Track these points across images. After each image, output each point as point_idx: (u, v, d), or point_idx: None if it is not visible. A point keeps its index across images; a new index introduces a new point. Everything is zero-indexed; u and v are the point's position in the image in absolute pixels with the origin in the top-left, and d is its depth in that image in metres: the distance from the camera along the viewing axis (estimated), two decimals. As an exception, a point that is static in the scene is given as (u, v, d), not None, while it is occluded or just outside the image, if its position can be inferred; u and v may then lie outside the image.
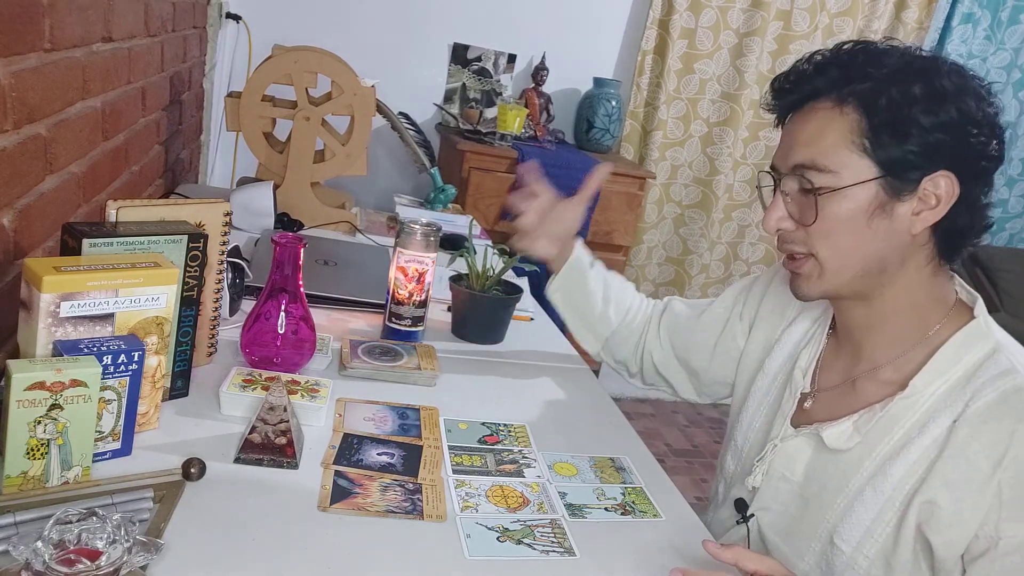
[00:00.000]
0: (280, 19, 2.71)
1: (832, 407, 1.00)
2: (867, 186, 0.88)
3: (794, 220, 0.93)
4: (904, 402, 0.91)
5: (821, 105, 0.90)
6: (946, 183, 0.87)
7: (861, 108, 0.87)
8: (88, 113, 1.19)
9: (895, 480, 0.89)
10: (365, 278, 1.53)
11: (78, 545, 0.64)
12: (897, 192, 0.87)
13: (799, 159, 0.91)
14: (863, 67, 0.88)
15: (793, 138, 0.92)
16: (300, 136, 1.83)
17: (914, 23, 3.10)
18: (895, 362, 0.95)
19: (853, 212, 0.88)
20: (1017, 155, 3.42)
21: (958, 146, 0.86)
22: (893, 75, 0.87)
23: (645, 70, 3.03)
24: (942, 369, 0.90)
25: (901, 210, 0.88)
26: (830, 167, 0.88)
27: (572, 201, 1.26)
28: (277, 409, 0.94)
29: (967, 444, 0.85)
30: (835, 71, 0.90)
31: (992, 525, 0.83)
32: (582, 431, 1.16)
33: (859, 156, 0.87)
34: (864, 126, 0.87)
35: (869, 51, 0.90)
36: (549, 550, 0.86)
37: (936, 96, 0.85)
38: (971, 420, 0.85)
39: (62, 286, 0.82)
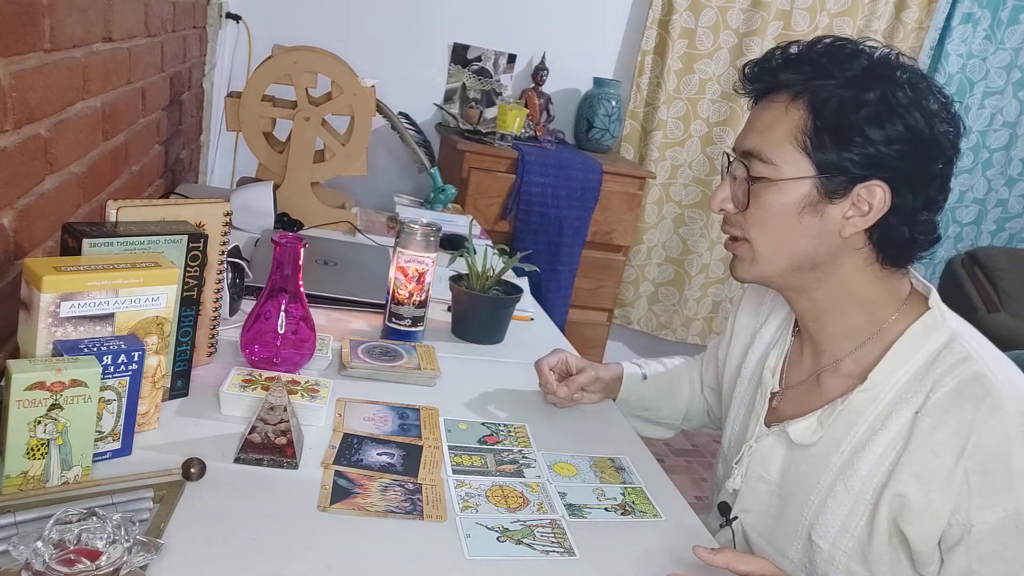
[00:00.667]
0: (280, 19, 2.71)
1: (799, 403, 1.02)
2: (801, 183, 0.90)
3: (734, 204, 0.96)
4: (864, 395, 0.93)
5: (778, 97, 0.92)
6: (880, 192, 0.88)
7: (810, 108, 0.89)
8: (88, 113, 1.19)
9: (863, 474, 0.91)
10: (365, 278, 1.53)
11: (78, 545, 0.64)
12: (829, 194, 0.90)
13: (749, 146, 0.94)
14: (827, 66, 0.90)
15: (750, 125, 0.95)
16: (300, 136, 1.83)
17: (914, 23, 3.09)
18: (853, 355, 0.97)
19: (785, 205, 0.91)
20: (1017, 155, 3.42)
21: (898, 159, 0.87)
22: (850, 80, 0.88)
23: (645, 70, 3.03)
24: (900, 360, 0.92)
25: (832, 211, 0.90)
26: (772, 159, 0.91)
27: (582, 369, 1.21)
28: (277, 409, 0.94)
29: (930, 435, 0.86)
30: (804, 67, 0.91)
31: (964, 513, 0.84)
32: (582, 431, 1.16)
33: (799, 153, 0.90)
34: (809, 125, 0.89)
35: (835, 52, 0.91)
36: (549, 550, 0.86)
37: (887, 108, 0.86)
38: (932, 411, 0.87)
39: (62, 286, 0.82)
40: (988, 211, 3.49)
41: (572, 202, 2.70)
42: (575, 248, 2.76)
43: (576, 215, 2.72)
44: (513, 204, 2.67)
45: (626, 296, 3.28)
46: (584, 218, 2.74)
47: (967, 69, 3.22)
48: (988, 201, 3.46)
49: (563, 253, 2.73)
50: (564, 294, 2.80)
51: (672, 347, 3.42)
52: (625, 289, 3.26)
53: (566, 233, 2.71)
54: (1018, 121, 3.35)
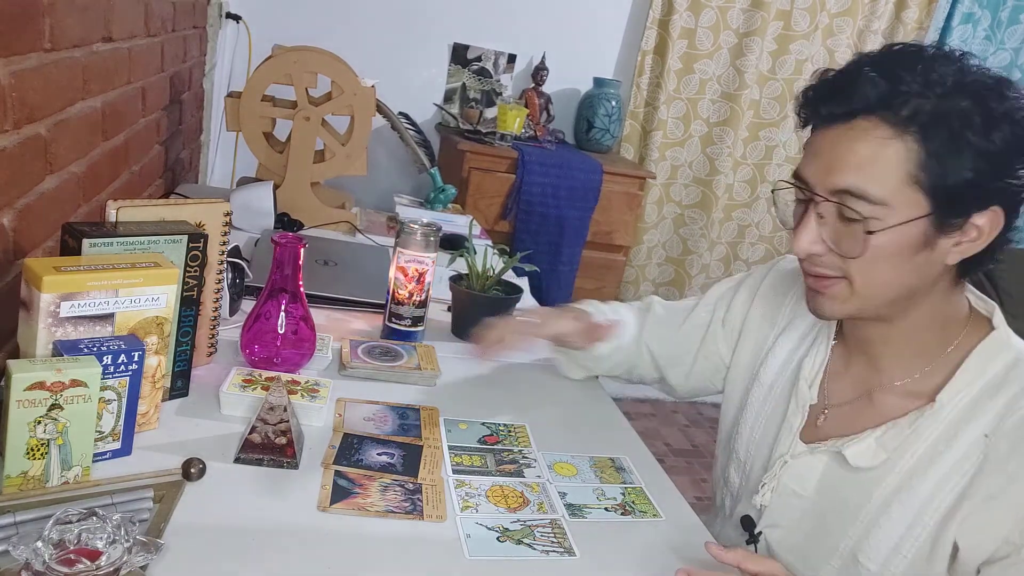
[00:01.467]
0: (280, 19, 2.71)
1: (847, 422, 0.96)
2: (917, 223, 0.81)
3: (827, 245, 0.86)
4: (931, 416, 0.88)
5: (872, 124, 0.81)
6: (992, 217, 0.82)
7: (920, 134, 0.79)
8: (88, 113, 1.19)
9: (924, 495, 0.87)
10: (365, 278, 1.53)
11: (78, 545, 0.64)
12: (944, 228, 0.82)
13: (845, 184, 0.82)
14: (919, 84, 0.79)
15: (837, 158, 0.83)
16: (300, 136, 1.83)
17: (914, 23, 3.09)
18: (915, 376, 0.92)
19: (900, 247, 0.82)
20: (1017, 155, 3.42)
21: (1008, 179, 0.80)
22: (950, 95, 0.78)
23: (645, 70, 3.03)
24: (967, 382, 0.88)
25: (944, 244, 0.83)
26: (881, 199, 0.80)
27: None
28: (277, 409, 0.94)
29: (1007, 459, 0.83)
30: (886, 85, 0.80)
31: (1019, 533, 0.81)
32: (582, 431, 1.16)
33: (912, 189, 0.80)
34: (921, 155, 0.79)
35: (927, 60, 0.80)
36: (549, 550, 0.86)
37: (993, 122, 0.78)
38: (1009, 435, 0.83)
39: (62, 286, 0.82)
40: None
41: (572, 202, 2.70)
42: (575, 248, 2.76)
43: (576, 215, 2.71)
44: (513, 204, 2.67)
45: (626, 296, 3.28)
46: (584, 218, 2.74)
47: (967, 69, 3.22)
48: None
49: (563, 253, 2.73)
50: (564, 294, 2.80)
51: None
52: (625, 289, 3.26)
53: (566, 233, 2.71)
54: (1018, 121, 3.35)
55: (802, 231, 0.86)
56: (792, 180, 0.89)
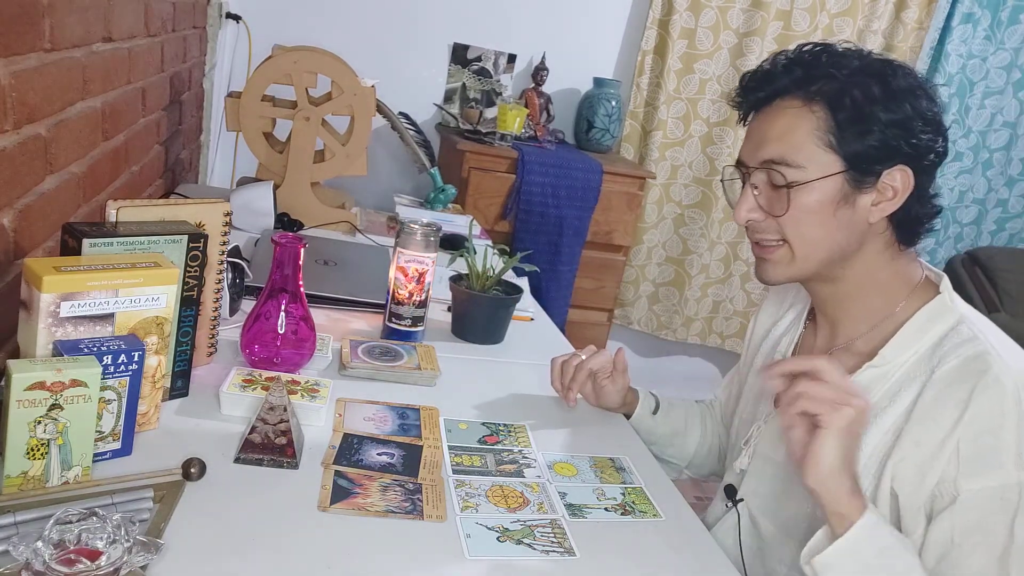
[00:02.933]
0: (280, 19, 2.71)
1: None
2: (833, 179, 0.93)
3: (763, 211, 0.98)
4: (873, 371, 0.96)
5: (788, 103, 0.95)
6: (902, 176, 0.93)
7: (828, 106, 0.92)
8: (88, 113, 1.19)
9: (869, 449, 0.93)
10: (365, 278, 1.53)
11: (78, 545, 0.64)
12: (859, 185, 0.94)
13: (769, 154, 0.96)
14: (826, 67, 0.94)
15: (762, 134, 0.97)
16: (300, 136, 1.83)
17: (914, 23, 3.09)
18: (867, 335, 1.01)
19: (821, 203, 0.94)
20: (1017, 155, 3.42)
21: (912, 141, 0.92)
22: (854, 75, 0.93)
23: (645, 70, 3.03)
24: (909, 341, 0.96)
25: (862, 201, 0.94)
26: (799, 162, 0.93)
27: (615, 372, 1.19)
28: (277, 409, 0.94)
29: (933, 406, 0.90)
30: (799, 71, 0.95)
31: (951, 482, 0.87)
32: (582, 431, 1.16)
33: (825, 151, 0.93)
34: (831, 123, 0.92)
35: (831, 52, 0.95)
36: (549, 550, 0.86)
37: (893, 95, 0.91)
38: (936, 384, 0.91)
39: (62, 286, 0.82)
40: (988, 211, 3.48)
41: (572, 202, 2.70)
42: (575, 248, 2.76)
43: (576, 215, 2.71)
44: (513, 204, 2.67)
45: (626, 296, 3.28)
46: (584, 218, 2.74)
47: (967, 69, 3.22)
48: (988, 201, 3.46)
49: (563, 253, 2.73)
50: (564, 294, 2.80)
51: (672, 347, 3.43)
52: (625, 289, 3.26)
53: (566, 233, 2.71)
54: (1018, 121, 3.35)
55: (740, 202, 0.99)
56: (732, 165, 1.04)
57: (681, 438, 1.28)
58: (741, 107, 1.02)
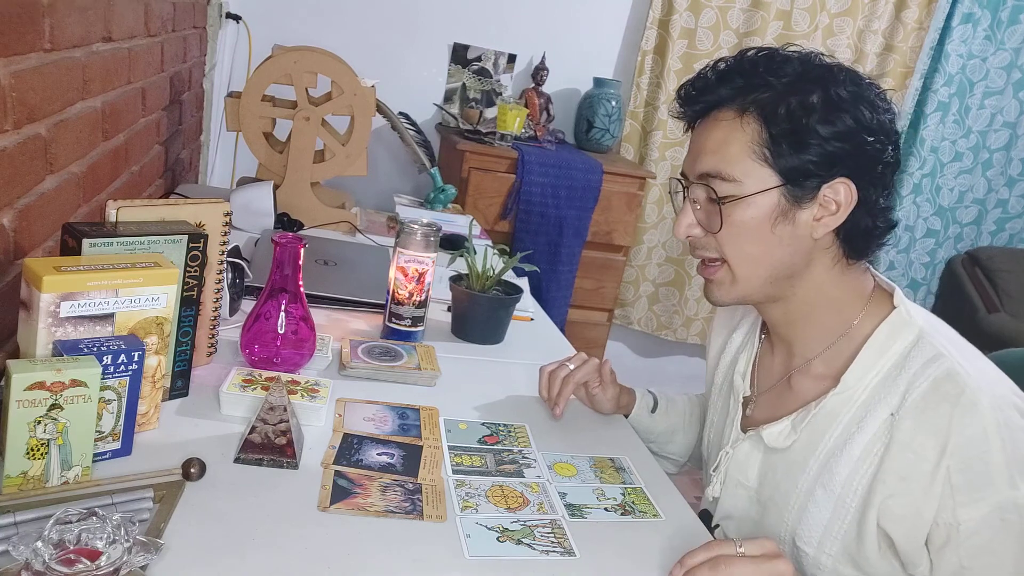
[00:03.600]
0: (280, 19, 2.71)
1: (772, 407, 1.03)
2: (769, 194, 0.90)
3: (702, 227, 0.95)
4: (838, 398, 0.94)
5: (724, 115, 0.92)
6: (844, 189, 0.89)
7: (761, 118, 0.89)
8: (88, 113, 1.19)
9: (842, 477, 0.92)
10: (365, 278, 1.53)
11: (78, 545, 0.64)
12: (798, 199, 0.90)
13: (705, 168, 0.92)
14: (763, 76, 0.90)
15: (699, 146, 0.94)
16: (300, 136, 1.83)
17: (914, 23, 3.09)
18: (823, 355, 0.98)
19: (757, 219, 0.91)
20: (1017, 155, 3.42)
21: (854, 153, 0.88)
22: (791, 84, 0.89)
23: (645, 70, 3.03)
24: (871, 362, 0.93)
25: (803, 216, 0.91)
26: (734, 176, 0.90)
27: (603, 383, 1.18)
28: (277, 409, 0.94)
29: (912, 437, 0.87)
30: (738, 79, 0.91)
31: (949, 512, 0.85)
32: (582, 431, 1.16)
33: (760, 165, 0.89)
34: (765, 136, 0.89)
35: (770, 59, 0.91)
36: (549, 550, 0.86)
37: (832, 106, 0.87)
38: (910, 412, 0.88)
39: (62, 286, 0.82)
40: (988, 211, 3.48)
41: (572, 202, 2.70)
42: (575, 248, 2.76)
43: (576, 215, 2.71)
44: (513, 204, 2.67)
45: (626, 296, 3.28)
46: (584, 218, 2.73)
47: (967, 69, 3.22)
48: (988, 201, 3.46)
49: (563, 253, 2.73)
50: (564, 294, 2.80)
51: (672, 347, 3.42)
52: (625, 289, 3.26)
53: (566, 233, 2.71)
54: (1018, 121, 3.35)
55: (680, 217, 0.97)
56: (676, 177, 1.00)
57: (682, 434, 1.27)
58: (683, 118, 0.98)
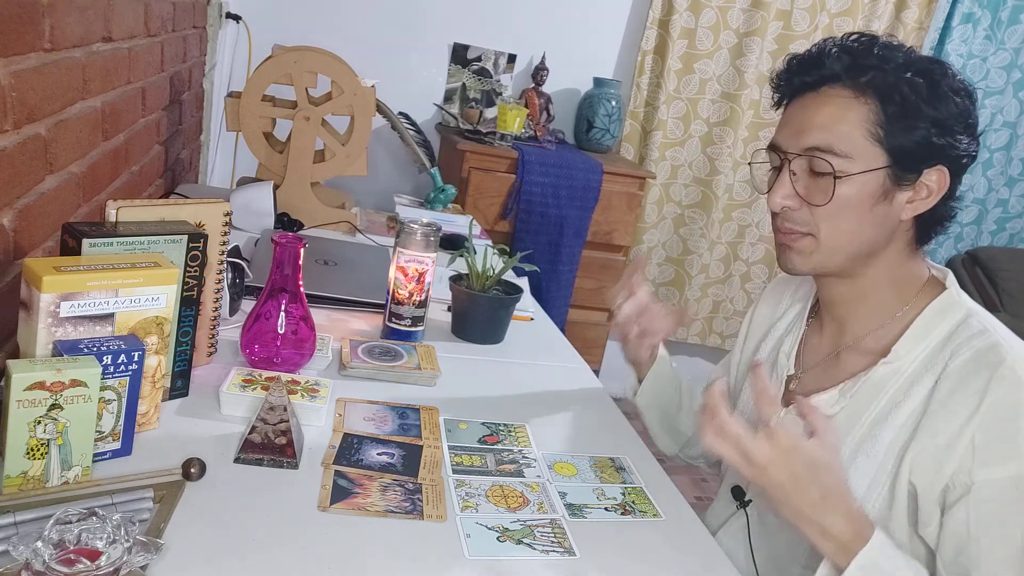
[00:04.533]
0: (280, 19, 2.71)
1: (818, 381, 1.04)
2: (877, 173, 0.92)
3: (800, 199, 0.95)
4: (887, 368, 0.96)
5: (836, 91, 0.93)
6: (939, 176, 0.93)
7: (878, 98, 0.90)
8: (88, 113, 1.19)
9: (885, 444, 0.93)
10: (365, 278, 1.53)
11: (78, 545, 0.64)
12: (899, 181, 0.92)
13: (814, 141, 0.93)
14: (876, 59, 0.92)
15: (806, 120, 0.94)
16: (300, 136, 1.83)
17: (914, 23, 3.09)
18: (875, 333, 1.00)
19: (860, 196, 0.92)
20: (1017, 155, 3.42)
21: (952, 142, 0.91)
22: (903, 69, 0.91)
23: (645, 70, 3.03)
24: (920, 336, 0.96)
25: (899, 198, 0.94)
26: (846, 152, 0.91)
27: (665, 309, 1.22)
28: (277, 409, 0.94)
29: (949, 398, 0.90)
30: (849, 59, 0.93)
31: (966, 472, 0.87)
32: (582, 431, 1.16)
33: (872, 144, 0.91)
34: (880, 115, 0.90)
35: (881, 44, 0.94)
36: (549, 550, 0.86)
37: (939, 94, 0.90)
38: (951, 376, 0.91)
39: (62, 286, 0.82)
40: (988, 211, 3.48)
41: (572, 202, 2.70)
42: (575, 248, 2.76)
43: (576, 215, 2.71)
44: (513, 204, 2.67)
45: (626, 296, 3.28)
46: (584, 218, 2.74)
47: (967, 69, 3.22)
48: (988, 201, 3.46)
49: (563, 253, 2.73)
50: (564, 294, 2.80)
51: (672, 347, 3.41)
52: (625, 289, 3.26)
53: (566, 233, 2.71)
54: (1018, 121, 3.35)
55: (777, 187, 0.96)
56: (767, 150, 1.00)
57: (690, 402, 1.27)
58: (782, 90, 0.99)
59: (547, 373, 1.33)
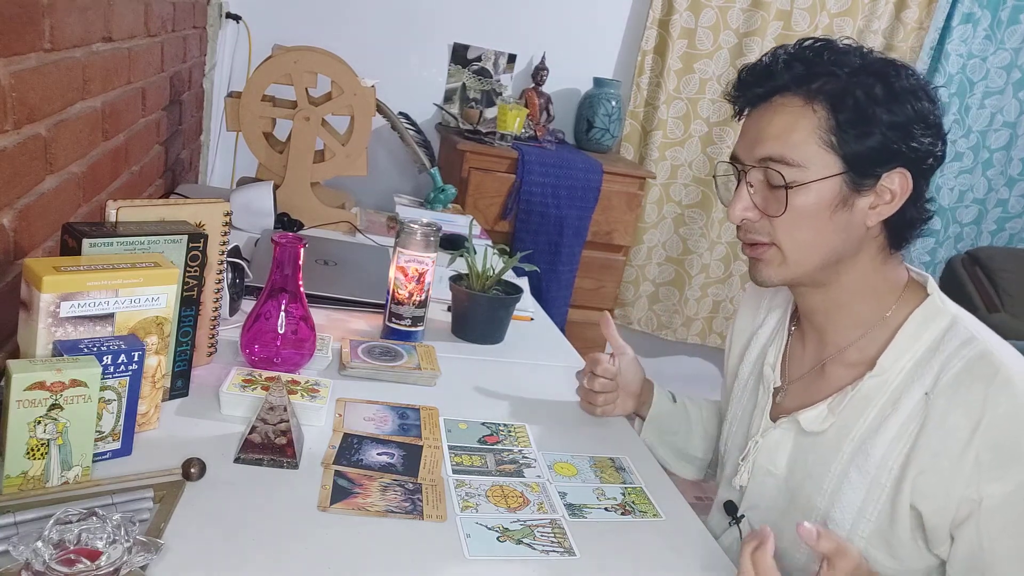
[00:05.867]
0: (280, 19, 2.71)
1: (805, 394, 1.03)
2: (832, 181, 0.91)
3: (759, 210, 0.95)
4: (874, 381, 0.95)
5: (788, 100, 0.92)
6: (900, 179, 0.91)
7: (829, 105, 0.90)
8: (88, 113, 1.19)
9: (877, 458, 0.92)
10: (365, 278, 1.53)
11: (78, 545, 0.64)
12: (858, 187, 0.91)
13: (767, 152, 0.92)
14: (828, 65, 0.91)
15: (760, 131, 0.94)
16: (300, 136, 1.83)
17: (914, 23, 3.09)
18: (858, 343, 0.99)
19: (818, 205, 0.91)
20: (1017, 155, 3.42)
21: (912, 144, 0.90)
22: (856, 74, 0.90)
23: (645, 70, 3.03)
24: (906, 346, 0.94)
25: (860, 204, 0.92)
26: (799, 161, 0.91)
27: (622, 355, 1.20)
28: (277, 409, 0.94)
29: (945, 415, 0.88)
30: (800, 67, 0.92)
31: (974, 488, 0.86)
32: (582, 431, 1.16)
33: (825, 151, 0.90)
34: (832, 123, 0.89)
35: (832, 49, 0.92)
36: (549, 550, 0.86)
37: (895, 96, 0.89)
38: (944, 391, 0.89)
39: (62, 286, 0.82)
40: (988, 211, 3.48)
41: (572, 202, 2.70)
42: (575, 248, 2.76)
43: (576, 215, 2.71)
44: (513, 204, 2.67)
45: (626, 296, 3.28)
46: (584, 218, 2.73)
47: (967, 69, 3.22)
48: (988, 201, 3.46)
49: (563, 253, 2.73)
50: (564, 294, 2.80)
51: (672, 347, 3.42)
52: (625, 289, 3.26)
53: (566, 233, 2.71)
54: (1018, 121, 3.35)
55: (735, 200, 0.96)
56: (727, 161, 1.00)
57: (700, 426, 1.26)
58: (737, 102, 0.99)
59: (547, 373, 1.33)
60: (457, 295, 1.41)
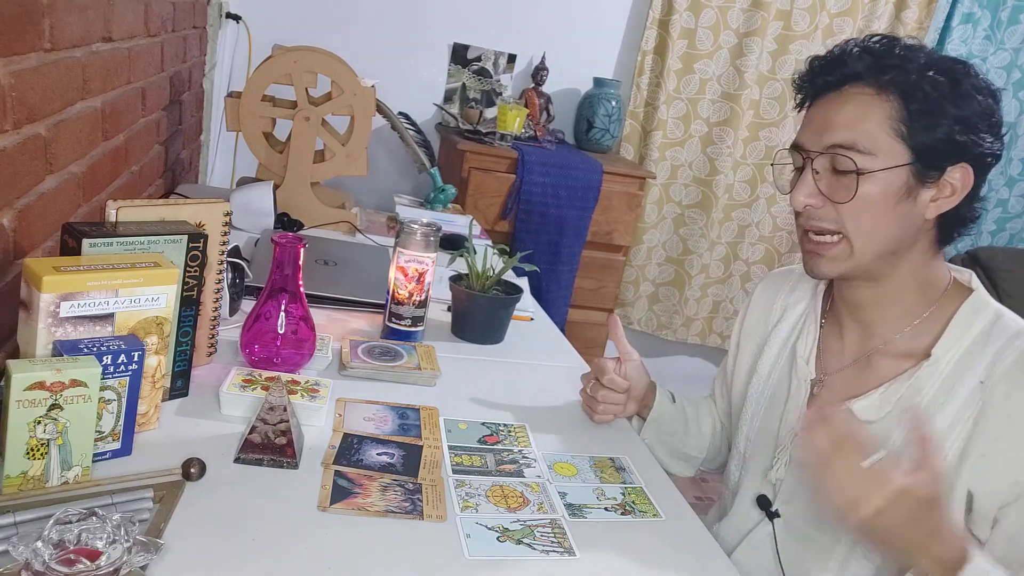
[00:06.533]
0: (280, 19, 2.71)
1: (849, 387, 1.03)
2: (900, 170, 0.92)
3: (823, 197, 0.96)
4: (928, 370, 0.96)
5: (860, 89, 0.94)
6: (963, 174, 0.93)
7: (900, 95, 0.91)
8: (88, 113, 1.19)
9: None
10: (365, 278, 1.53)
11: (78, 545, 0.64)
12: (923, 179, 0.93)
13: (837, 139, 0.93)
14: (898, 58, 0.93)
15: (829, 119, 0.95)
16: (300, 136, 1.83)
17: (914, 23, 3.09)
18: (905, 335, 1.00)
19: (884, 194, 0.93)
20: (1017, 155, 3.42)
21: (976, 141, 0.92)
22: (925, 68, 0.92)
23: (645, 70, 3.03)
24: (956, 336, 0.96)
25: (923, 196, 0.94)
26: (869, 149, 0.92)
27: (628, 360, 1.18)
28: (277, 409, 0.94)
29: (1006, 400, 0.91)
30: (871, 59, 0.94)
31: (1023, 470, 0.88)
32: (582, 431, 1.16)
33: (895, 141, 0.92)
34: (903, 113, 0.91)
35: (902, 44, 0.95)
36: (549, 550, 0.86)
37: (962, 92, 0.91)
38: (1004, 378, 0.92)
39: (62, 286, 0.82)
40: (988, 211, 3.49)
41: (572, 202, 2.70)
42: (575, 248, 2.76)
43: (576, 215, 2.71)
44: (513, 204, 2.67)
45: (626, 296, 3.28)
46: (584, 218, 2.73)
47: (967, 69, 3.22)
48: (988, 201, 3.46)
49: (563, 253, 2.73)
50: (564, 294, 2.80)
51: (672, 347, 3.42)
52: (625, 289, 3.26)
53: (566, 233, 2.71)
54: (1018, 121, 3.35)
55: (800, 186, 0.97)
56: (789, 149, 1.01)
57: (696, 426, 1.26)
58: (804, 90, 1.00)
59: (547, 373, 1.33)
60: (457, 295, 1.41)
